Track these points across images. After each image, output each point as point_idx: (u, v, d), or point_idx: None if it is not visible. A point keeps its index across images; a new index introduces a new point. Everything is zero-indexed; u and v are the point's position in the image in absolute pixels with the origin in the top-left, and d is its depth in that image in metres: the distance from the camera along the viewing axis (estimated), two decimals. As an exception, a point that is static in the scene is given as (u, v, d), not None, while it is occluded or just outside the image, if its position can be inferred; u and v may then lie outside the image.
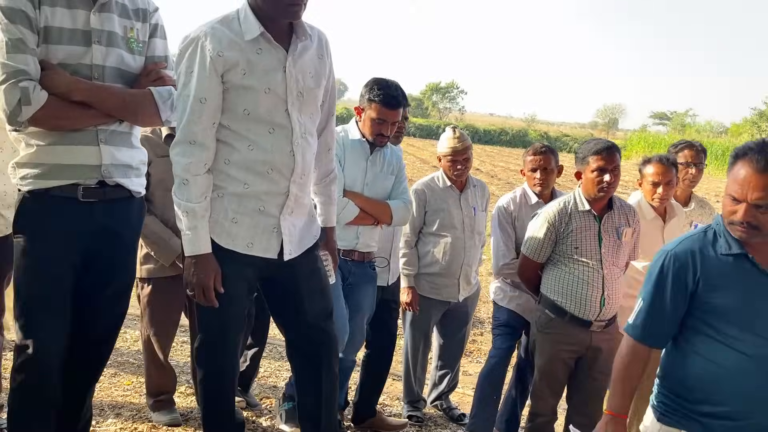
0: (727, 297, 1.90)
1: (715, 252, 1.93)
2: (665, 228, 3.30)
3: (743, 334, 1.88)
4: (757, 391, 1.87)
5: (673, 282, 1.94)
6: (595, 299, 2.93)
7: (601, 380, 3.08)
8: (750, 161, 1.83)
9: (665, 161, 3.22)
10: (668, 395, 2.01)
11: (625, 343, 2.08)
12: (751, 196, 1.82)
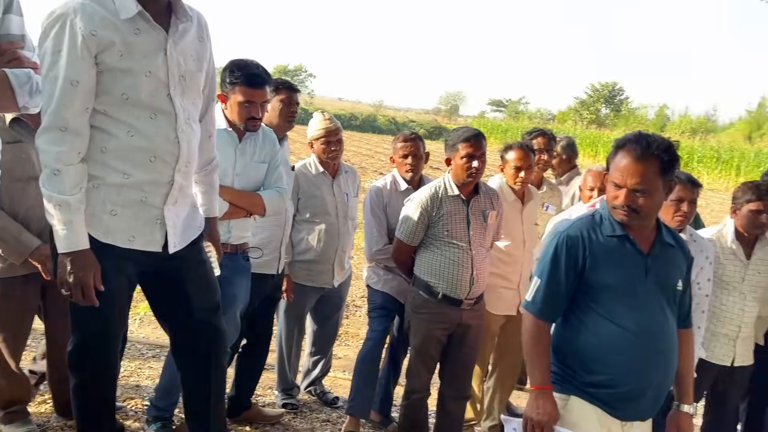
0: (611, 275, 2.10)
1: (602, 234, 2.12)
2: (524, 210, 3.56)
3: (624, 310, 2.08)
4: (633, 360, 2.07)
5: (566, 261, 2.10)
6: (465, 279, 3.10)
7: (470, 354, 3.29)
8: (629, 151, 2.04)
9: (525, 148, 3.47)
10: (559, 366, 2.17)
11: (528, 321, 2.19)
12: (630, 182, 2.03)
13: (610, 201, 2.10)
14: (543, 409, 2.10)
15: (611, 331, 2.08)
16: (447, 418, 3.34)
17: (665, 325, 2.13)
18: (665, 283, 2.16)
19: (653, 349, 2.09)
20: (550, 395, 2.13)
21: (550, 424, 2.10)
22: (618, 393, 2.09)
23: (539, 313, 2.17)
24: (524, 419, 2.16)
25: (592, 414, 2.10)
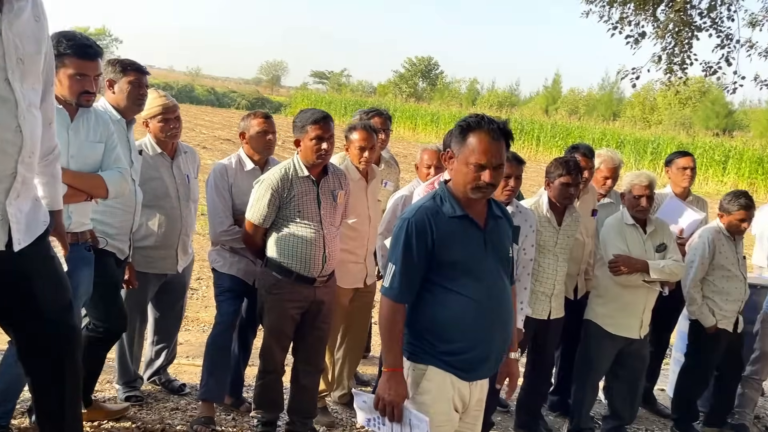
0: (457, 253, 2.25)
1: (445, 215, 2.25)
2: (368, 188, 3.71)
3: (470, 282, 2.26)
4: (482, 327, 2.27)
5: (417, 246, 2.21)
6: (317, 258, 3.18)
7: (324, 329, 3.39)
8: (487, 132, 2.20)
9: (369, 128, 3.60)
10: (417, 340, 2.30)
11: (387, 306, 2.26)
12: (494, 161, 2.20)
13: (471, 182, 2.22)
14: (395, 390, 2.22)
15: (461, 303, 2.24)
16: (302, 392, 3.42)
17: (504, 291, 2.37)
18: (500, 253, 2.39)
19: (497, 315, 2.32)
20: (401, 377, 2.25)
21: (400, 404, 2.23)
22: (470, 357, 2.29)
23: (397, 297, 2.25)
24: (376, 398, 2.27)
25: (447, 380, 2.28)
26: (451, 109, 37.64)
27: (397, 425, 2.26)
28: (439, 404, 2.28)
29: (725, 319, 4.02)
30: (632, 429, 4.18)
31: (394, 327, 2.27)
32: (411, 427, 2.24)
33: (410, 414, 2.23)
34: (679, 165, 4.45)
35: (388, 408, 2.24)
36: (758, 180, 22.92)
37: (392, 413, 2.24)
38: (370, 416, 2.35)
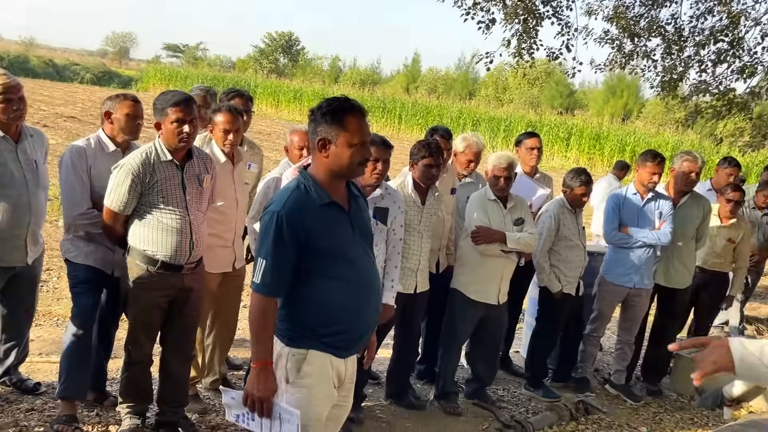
0: (329, 240, 2.27)
1: (313, 204, 2.23)
2: (234, 170, 3.65)
3: (343, 266, 2.30)
4: (358, 307, 2.34)
5: (289, 238, 2.18)
6: (184, 245, 3.10)
7: (194, 317, 3.33)
8: (359, 113, 2.24)
9: (234, 110, 3.53)
10: (296, 327, 2.30)
11: (258, 301, 2.23)
12: (368, 138, 2.29)
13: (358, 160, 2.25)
14: (264, 385, 2.22)
15: (337, 287, 2.27)
16: (172, 380, 3.35)
17: (372, 269, 2.45)
18: (365, 232, 2.45)
19: (369, 293, 2.39)
20: (271, 371, 2.25)
21: (269, 398, 2.22)
22: (348, 337, 2.36)
23: (270, 291, 2.22)
24: (245, 394, 2.24)
25: (327, 361, 2.32)
26: (314, 86, 37.40)
27: (266, 420, 2.26)
28: (321, 386, 2.32)
29: (569, 284, 4.45)
30: (491, 389, 4.53)
31: (265, 322, 2.24)
32: (281, 422, 2.24)
33: (280, 408, 2.23)
34: (527, 145, 4.82)
35: (258, 404, 2.23)
36: (596, 155, 25.15)
37: (262, 409, 2.23)
38: (239, 412, 2.33)
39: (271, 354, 2.28)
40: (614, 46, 7.47)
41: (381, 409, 4.09)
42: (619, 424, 4.34)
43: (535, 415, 4.25)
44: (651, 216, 4.62)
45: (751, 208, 5.98)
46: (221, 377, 4.04)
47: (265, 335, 2.26)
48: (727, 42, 6.97)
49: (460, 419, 4.09)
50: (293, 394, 2.28)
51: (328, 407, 2.38)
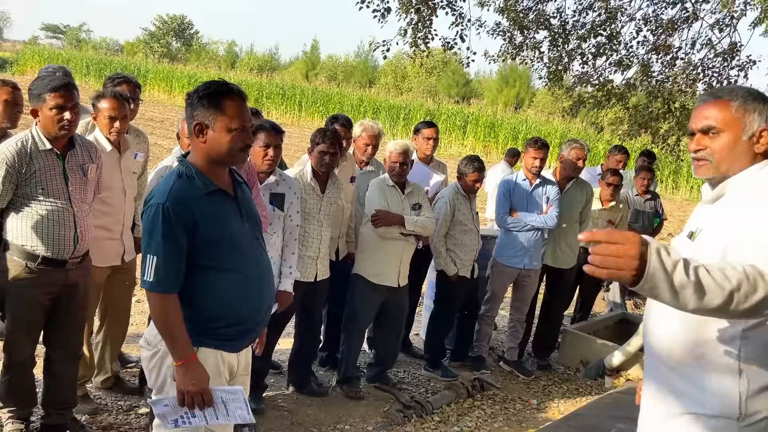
0: (218, 229, 2.15)
1: (199, 192, 2.13)
2: (121, 159, 3.49)
3: (235, 256, 2.21)
4: (251, 298, 2.26)
5: (178, 229, 2.07)
6: (68, 238, 2.93)
7: (80, 314, 3.16)
8: (237, 97, 2.16)
9: (119, 96, 3.36)
10: (186, 322, 2.15)
11: (157, 301, 2.12)
12: (248, 123, 2.19)
13: (238, 146, 2.17)
14: (196, 379, 2.12)
15: (230, 278, 2.18)
16: (58, 382, 3.17)
17: (263, 258, 2.37)
18: (253, 217, 2.36)
19: (262, 282, 2.32)
20: (197, 364, 2.14)
21: (206, 388, 2.13)
22: (240, 329, 2.27)
23: (166, 288, 2.12)
24: (180, 395, 2.13)
25: (218, 357, 2.24)
26: (210, 72, 36.24)
27: (209, 409, 2.18)
28: (211, 382, 2.22)
29: (464, 267, 4.61)
30: (392, 372, 4.63)
31: (172, 319, 2.13)
32: (225, 403, 2.18)
33: (221, 392, 2.17)
34: (424, 135, 4.94)
35: (197, 398, 2.13)
36: (491, 143, 26.07)
37: (202, 400, 2.14)
38: (176, 416, 2.21)
39: (189, 349, 2.15)
40: (506, 38, 7.77)
41: (283, 398, 4.08)
42: (512, 398, 4.58)
43: (434, 394, 4.39)
44: (539, 201, 4.87)
45: (635, 195, 6.43)
46: (113, 375, 3.87)
47: (176, 333, 2.13)
48: (605, 36, 7.45)
49: (362, 403, 4.16)
50: None
51: None
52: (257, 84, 32.07)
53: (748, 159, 1.73)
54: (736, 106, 1.73)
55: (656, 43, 7.50)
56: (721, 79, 7.37)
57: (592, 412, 3.67)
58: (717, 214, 1.75)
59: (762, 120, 1.72)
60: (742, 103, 1.73)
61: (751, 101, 1.73)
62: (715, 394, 1.65)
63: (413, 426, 3.92)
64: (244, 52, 57.85)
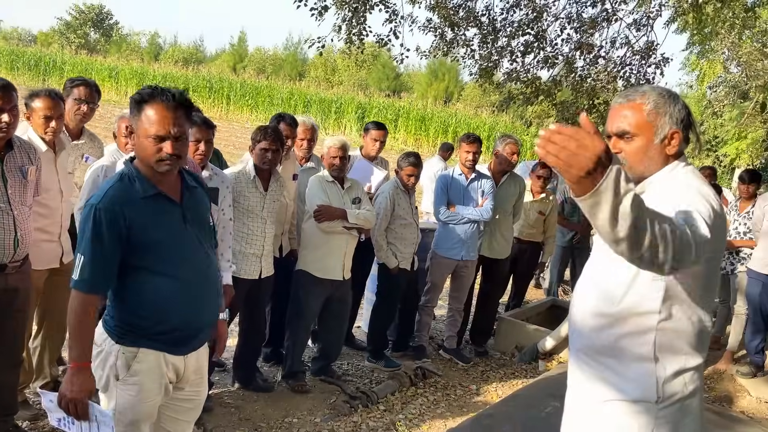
0: (155, 233, 2.15)
1: (134, 196, 2.12)
2: (57, 160, 3.41)
3: (174, 261, 2.17)
4: (193, 303, 2.25)
5: (108, 233, 2.06)
6: (8, 242, 2.86)
7: (21, 319, 3.08)
8: (160, 104, 2.11)
9: (54, 95, 3.28)
10: (126, 324, 2.18)
11: (78, 299, 2.11)
12: (173, 130, 2.10)
13: (154, 155, 2.12)
14: (79, 386, 2.09)
15: (168, 284, 2.18)
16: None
17: (209, 263, 2.35)
18: (201, 224, 2.35)
19: (205, 289, 2.31)
20: (88, 371, 2.13)
21: (83, 400, 2.10)
22: (183, 335, 2.26)
23: (90, 288, 2.11)
24: (59, 396, 2.12)
25: (160, 359, 2.24)
26: (132, 64, 34.98)
27: (85, 423, 2.15)
28: (152, 384, 2.24)
29: (404, 260, 4.75)
30: (336, 365, 4.72)
31: (84, 319, 2.12)
32: (98, 424, 2.15)
33: (94, 409, 2.14)
34: (372, 136, 5.03)
35: (72, 405, 2.10)
36: (422, 136, 26.47)
37: (76, 411, 2.10)
38: (60, 416, 2.20)
39: (88, 354, 2.14)
40: (437, 35, 7.95)
41: (229, 395, 4.10)
42: (452, 384, 4.76)
43: (378, 384, 4.51)
44: (474, 194, 5.06)
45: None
46: (53, 380, 3.78)
47: (83, 335, 2.12)
48: (532, 34, 7.75)
49: (309, 396, 4.23)
50: (123, 392, 2.21)
51: (158, 403, 2.31)
52: (183, 77, 31.28)
53: (660, 161, 1.85)
54: (648, 110, 1.83)
55: (579, 41, 7.87)
56: (639, 76, 7.82)
57: (529, 393, 3.88)
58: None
59: (672, 122, 1.82)
60: (654, 107, 1.83)
61: (662, 104, 1.83)
62: (635, 381, 1.80)
63: (360, 416, 4.03)
64: (168, 44, 56.14)
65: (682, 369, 1.79)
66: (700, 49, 14.43)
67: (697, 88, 16.34)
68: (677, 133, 1.83)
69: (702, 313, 1.79)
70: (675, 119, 1.83)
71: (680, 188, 1.76)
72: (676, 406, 1.80)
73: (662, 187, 1.82)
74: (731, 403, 5.11)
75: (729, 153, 20.29)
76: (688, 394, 1.81)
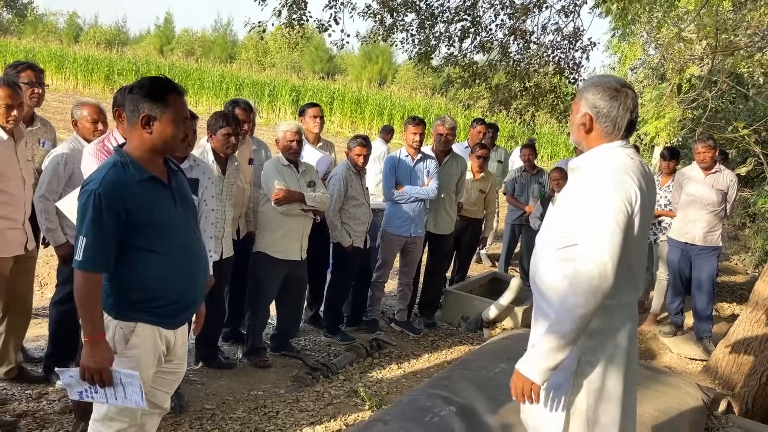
0: (151, 215, 2.32)
1: (132, 180, 2.29)
2: (17, 147, 3.44)
3: (168, 240, 2.37)
4: (184, 278, 2.44)
5: (108, 215, 2.22)
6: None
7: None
8: (174, 91, 2.33)
9: (14, 84, 3.31)
10: (122, 300, 2.35)
11: (82, 279, 2.25)
12: (188, 114, 2.43)
13: (180, 136, 2.38)
14: (100, 356, 2.26)
15: (164, 261, 2.36)
16: (-31, 376, 3.15)
17: (198, 241, 2.55)
18: (188, 205, 2.55)
19: (195, 263, 2.51)
20: (104, 342, 2.30)
21: (107, 368, 2.27)
22: (176, 308, 2.45)
23: (94, 267, 2.26)
24: (81, 369, 2.27)
25: (155, 332, 2.42)
26: (50, 46, 33.34)
27: (109, 389, 2.32)
28: (147, 356, 2.42)
29: (358, 238, 4.99)
30: (295, 341, 4.92)
31: (92, 297, 2.28)
32: (124, 386, 2.32)
33: (119, 374, 2.31)
34: (309, 114, 5.22)
35: (96, 375, 2.27)
36: (357, 119, 26.60)
37: (101, 379, 2.28)
38: (81, 389, 2.36)
39: (101, 327, 2.31)
40: (376, 20, 8.15)
41: (193, 373, 4.24)
42: (405, 354, 5.06)
43: (336, 357, 4.75)
44: (420, 174, 5.34)
45: (522, 171, 7.09)
46: (17, 366, 3.83)
47: (93, 310, 2.28)
48: (469, 20, 8.07)
49: (271, 371, 4.43)
50: (122, 364, 2.35)
51: (152, 374, 2.49)
52: (107, 59, 30.08)
53: (582, 137, 2.23)
54: (579, 95, 2.23)
55: (513, 27, 8.25)
56: (567, 60, 8.29)
57: (478, 357, 4.20)
58: (570, 186, 2.24)
59: (587, 107, 2.18)
60: (580, 93, 2.23)
61: (584, 90, 2.22)
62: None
63: (322, 386, 4.25)
64: (88, 25, 53.62)
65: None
66: (622, 32, 15.19)
67: (618, 70, 17.19)
68: (587, 115, 2.19)
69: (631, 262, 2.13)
70: (590, 105, 2.17)
71: (594, 185, 2.09)
72: (598, 337, 2.16)
73: (579, 180, 2.17)
74: (655, 359, 5.65)
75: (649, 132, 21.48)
76: (608, 329, 2.17)
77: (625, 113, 2.17)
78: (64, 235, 3.67)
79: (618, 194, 2.04)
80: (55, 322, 3.85)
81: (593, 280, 1.99)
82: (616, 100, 2.16)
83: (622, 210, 2.03)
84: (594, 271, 1.99)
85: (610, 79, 2.23)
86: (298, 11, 7.49)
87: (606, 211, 2.02)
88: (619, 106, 2.16)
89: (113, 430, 2.42)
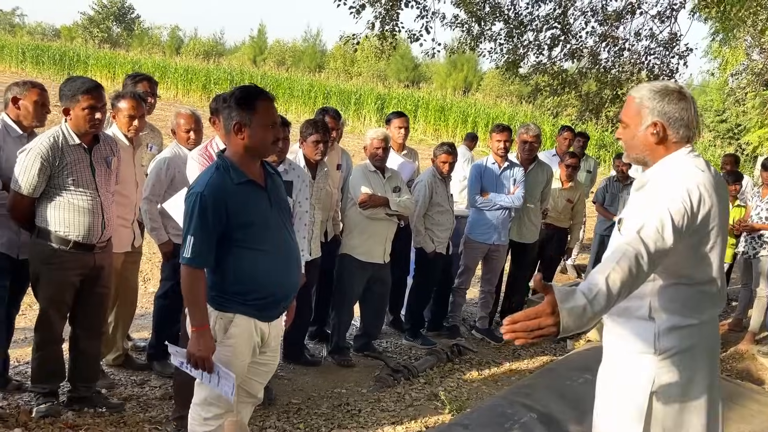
0: (249, 215, 2.50)
1: (232, 183, 2.48)
2: (135, 154, 3.77)
3: (265, 238, 2.56)
4: (279, 274, 2.62)
5: (213, 217, 2.43)
6: (96, 225, 3.21)
7: (104, 293, 3.44)
8: (267, 98, 2.52)
9: (137, 97, 3.64)
10: (225, 294, 2.55)
11: (188, 274, 2.47)
12: (277, 119, 2.59)
13: (272, 139, 2.55)
14: (204, 346, 2.48)
15: (259, 257, 2.54)
16: (84, 357, 3.44)
17: (291, 240, 2.73)
18: (283, 206, 2.72)
19: (289, 261, 2.69)
20: (209, 333, 2.50)
21: (209, 357, 2.48)
22: (271, 301, 2.63)
23: (198, 264, 2.47)
24: (188, 354, 2.51)
25: (251, 324, 2.61)
26: (155, 57, 35.48)
27: (206, 374, 2.54)
28: (244, 345, 2.61)
29: (440, 244, 5.05)
30: (377, 342, 5.04)
31: (197, 290, 2.48)
32: (219, 378, 2.52)
33: (219, 368, 2.51)
34: (395, 125, 5.34)
35: (200, 362, 2.49)
36: (441, 126, 26.62)
37: (204, 366, 2.49)
38: (182, 360, 2.59)
39: (206, 319, 2.51)
40: (464, 30, 8.20)
41: (280, 369, 4.42)
42: (486, 361, 5.06)
43: (417, 360, 4.83)
44: (506, 182, 5.33)
45: (615, 180, 6.92)
46: (124, 353, 4.15)
47: (199, 303, 2.50)
48: (559, 29, 7.97)
49: (354, 370, 4.56)
50: (220, 352, 2.55)
51: (248, 363, 2.67)
52: (204, 70, 31.65)
53: (649, 148, 2.07)
54: (637, 103, 2.07)
55: (604, 33, 8.07)
56: (662, 66, 8.01)
57: (561, 367, 4.16)
58: (635, 203, 2.14)
59: (655, 115, 2.03)
60: (641, 101, 2.06)
61: (648, 98, 2.05)
62: (638, 336, 2.08)
63: (402, 387, 4.34)
64: (188, 37, 56.66)
65: (675, 326, 2.05)
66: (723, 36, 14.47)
67: (719, 75, 16.35)
68: (658, 124, 2.04)
69: (693, 280, 2.04)
70: (658, 112, 2.03)
71: (664, 189, 1.97)
72: (675, 358, 2.06)
73: (652, 187, 2.05)
74: (753, 380, 5.35)
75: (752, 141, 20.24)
76: (686, 348, 2.06)
77: (695, 113, 2.07)
78: (166, 234, 3.94)
79: (686, 198, 1.92)
80: (159, 314, 4.13)
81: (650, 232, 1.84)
82: (684, 101, 2.06)
83: (688, 209, 1.90)
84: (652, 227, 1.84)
85: (660, 84, 2.13)
86: (391, 22, 7.66)
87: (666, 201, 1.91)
88: (689, 107, 2.06)
89: (211, 414, 2.62)
